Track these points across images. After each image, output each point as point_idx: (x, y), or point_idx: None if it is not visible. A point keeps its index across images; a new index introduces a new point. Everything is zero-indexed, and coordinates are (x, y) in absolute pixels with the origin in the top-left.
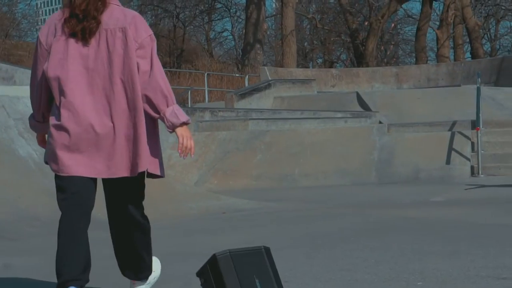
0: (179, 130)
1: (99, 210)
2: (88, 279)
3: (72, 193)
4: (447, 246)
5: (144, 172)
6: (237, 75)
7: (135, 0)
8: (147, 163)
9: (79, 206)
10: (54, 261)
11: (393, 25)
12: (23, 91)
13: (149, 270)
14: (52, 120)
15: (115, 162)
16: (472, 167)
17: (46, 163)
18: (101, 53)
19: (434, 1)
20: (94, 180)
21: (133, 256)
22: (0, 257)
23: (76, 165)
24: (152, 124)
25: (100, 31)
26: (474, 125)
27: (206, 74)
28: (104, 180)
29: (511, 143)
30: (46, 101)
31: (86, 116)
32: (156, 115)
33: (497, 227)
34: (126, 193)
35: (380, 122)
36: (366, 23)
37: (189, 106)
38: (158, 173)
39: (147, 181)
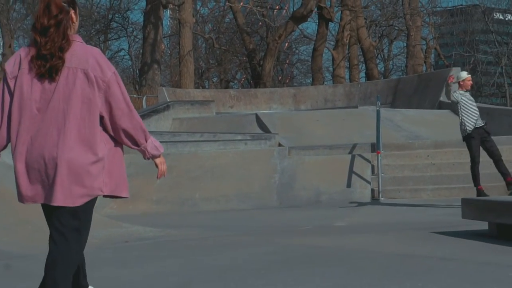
0: (157, 159)
1: None
2: None
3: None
4: (362, 279)
5: (83, 205)
6: (134, 95)
7: (30, 19)
8: (89, 193)
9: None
10: None
11: (287, 44)
12: None
13: None
14: (13, 152)
15: (55, 191)
16: (372, 190)
17: None
18: (59, 89)
19: (329, 22)
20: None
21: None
22: None
23: (36, 194)
24: (119, 150)
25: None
26: (374, 148)
27: None
28: (50, 207)
29: (410, 165)
30: (5, 130)
31: (39, 147)
32: (135, 147)
33: (405, 258)
34: (64, 222)
35: (280, 145)
36: (261, 42)
37: None
38: (122, 194)
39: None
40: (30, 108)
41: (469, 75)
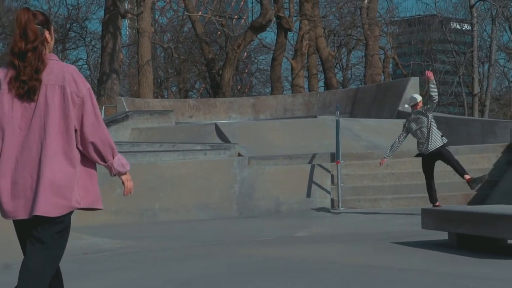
0: (124, 177)
1: None
2: None
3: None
4: None
5: (65, 216)
6: None
7: None
8: (70, 205)
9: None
10: None
11: (245, 53)
12: None
13: None
14: None
15: (38, 203)
16: (332, 200)
17: None
18: (40, 105)
19: (288, 31)
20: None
21: None
22: None
23: (17, 209)
24: (93, 164)
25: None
26: (334, 157)
27: None
28: (28, 220)
29: (369, 175)
30: None
31: (24, 163)
32: (102, 163)
33: (366, 269)
34: (41, 230)
35: (239, 154)
36: (220, 51)
37: None
38: (98, 207)
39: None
40: (12, 126)
41: (421, 97)
